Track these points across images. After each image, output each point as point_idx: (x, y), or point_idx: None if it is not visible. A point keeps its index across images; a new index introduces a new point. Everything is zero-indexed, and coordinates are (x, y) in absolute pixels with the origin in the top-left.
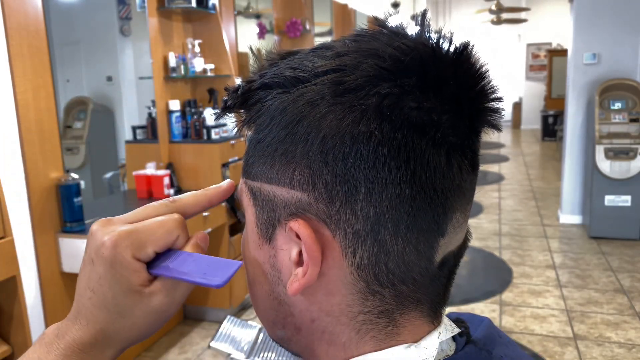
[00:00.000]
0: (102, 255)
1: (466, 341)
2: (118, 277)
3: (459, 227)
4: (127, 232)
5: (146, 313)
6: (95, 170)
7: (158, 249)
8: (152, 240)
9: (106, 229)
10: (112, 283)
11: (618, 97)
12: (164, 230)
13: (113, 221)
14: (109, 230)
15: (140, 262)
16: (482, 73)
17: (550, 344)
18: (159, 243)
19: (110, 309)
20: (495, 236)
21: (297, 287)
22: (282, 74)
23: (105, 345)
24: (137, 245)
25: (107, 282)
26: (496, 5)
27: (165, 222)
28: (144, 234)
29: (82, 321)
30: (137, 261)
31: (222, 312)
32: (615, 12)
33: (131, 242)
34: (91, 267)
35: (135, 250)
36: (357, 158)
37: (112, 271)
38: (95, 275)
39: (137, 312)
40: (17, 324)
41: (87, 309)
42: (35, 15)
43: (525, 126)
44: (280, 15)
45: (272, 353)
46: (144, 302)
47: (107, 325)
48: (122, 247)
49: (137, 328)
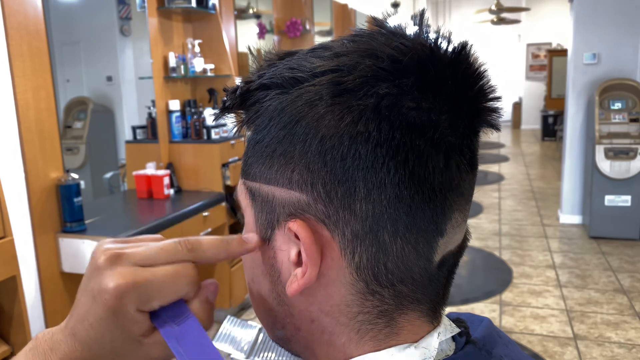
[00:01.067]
0: (104, 301)
1: (466, 341)
2: (118, 325)
3: (458, 227)
4: (135, 285)
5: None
6: (95, 170)
7: (165, 303)
8: (160, 296)
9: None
10: (111, 328)
11: (618, 97)
12: (175, 287)
13: (121, 258)
14: (115, 272)
15: (144, 313)
16: (481, 73)
17: (550, 344)
18: (166, 299)
19: (107, 348)
20: (495, 236)
21: (297, 287)
22: (281, 75)
23: None
24: (144, 299)
25: (106, 326)
26: (496, 5)
27: (178, 277)
28: (153, 287)
29: (77, 345)
30: (141, 313)
31: (222, 312)
32: (615, 12)
33: (138, 296)
34: (92, 303)
35: (141, 304)
36: (356, 158)
37: (113, 319)
38: (95, 314)
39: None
40: (17, 324)
41: (83, 337)
42: (35, 15)
43: (525, 126)
44: (280, 15)
45: (272, 353)
46: (143, 351)
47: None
48: (127, 300)
49: None
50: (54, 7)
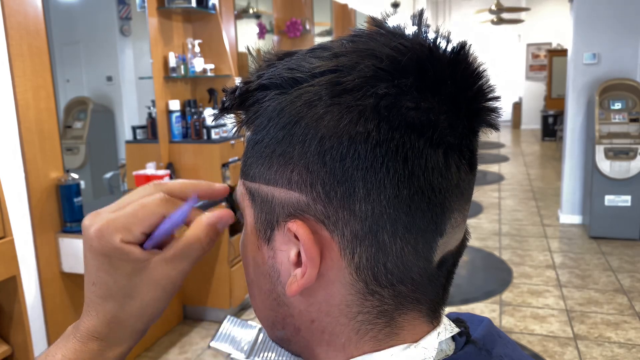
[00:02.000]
0: (93, 248)
1: (466, 341)
2: (113, 264)
3: (458, 226)
4: (109, 221)
5: (151, 287)
6: (95, 170)
7: (144, 229)
8: (136, 222)
9: (93, 221)
10: (110, 271)
11: (618, 97)
12: (146, 211)
13: (100, 212)
14: (95, 222)
15: (131, 244)
16: (480, 72)
17: (550, 344)
18: (143, 224)
19: (116, 295)
20: (495, 236)
21: (296, 287)
22: (280, 75)
23: (122, 329)
24: (122, 230)
25: (105, 271)
26: (496, 5)
27: (146, 203)
28: (127, 218)
29: (92, 313)
30: (127, 244)
31: (222, 312)
32: (615, 12)
33: (115, 228)
34: (87, 261)
35: (123, 235)
36: (355, 158)
37: (106, 259)
38: (93, 268)
39: (143, 289)
40: (17, 324)
41: (94, 301)
42: (35, 15)
43: (525, 126)
44: (280, 15)
45: (272, 353)
46: (146, 277)
47: (117, 312)
48: (108, 235)
49: (147, 305)
50: (54, 7)
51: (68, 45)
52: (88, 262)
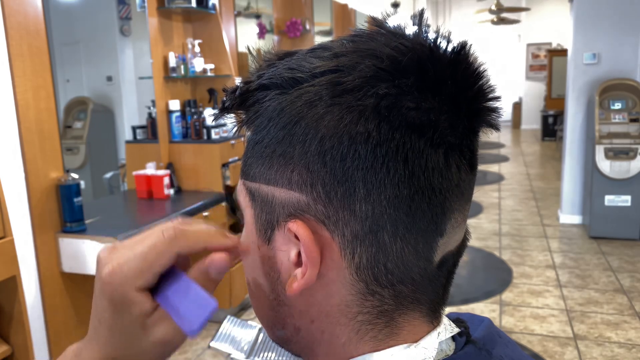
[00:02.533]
0: (103, 289)
1: (466, 341)
2: (119, 310)
3: (458, 227)
4: (120, 265)
5: (152, 344)
6: (95, 170)
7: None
8: (146, 267)
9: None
10: (115, 316)
11: (618, 97)
12: (155, 254)
13: (117, 247)
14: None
15: (142, 291)
16: (480, 72)
17: (550, 344)
18: (152, 269)
19: (117, 340)
20: (495, 236)
21: (296, 288)
22: (280, 75)
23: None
24: (133, 275)
25: (111, 315)
26: (496, 5)
27: (154, 244)
28: (137, 261)
29: (94, 347)
30: (138, 291)
31: (222, 312)
32: (615, 12)
33: (125, 274)
34: (96, 300)
35: (133, 280)
36: (356, 158)
37: (113, 304)
38: (101, 307)
39: (144, 343)
40: (17, 324)
41: (97, 336)
42: (35, 15)
43: (525, 126)
44: (280, 15)
45: (272, 353)
46: (148, 334)
47: (116, 354)
48: (118, 279)
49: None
50: (54, 7)
51: (68, 45)
52: (97, 300)
